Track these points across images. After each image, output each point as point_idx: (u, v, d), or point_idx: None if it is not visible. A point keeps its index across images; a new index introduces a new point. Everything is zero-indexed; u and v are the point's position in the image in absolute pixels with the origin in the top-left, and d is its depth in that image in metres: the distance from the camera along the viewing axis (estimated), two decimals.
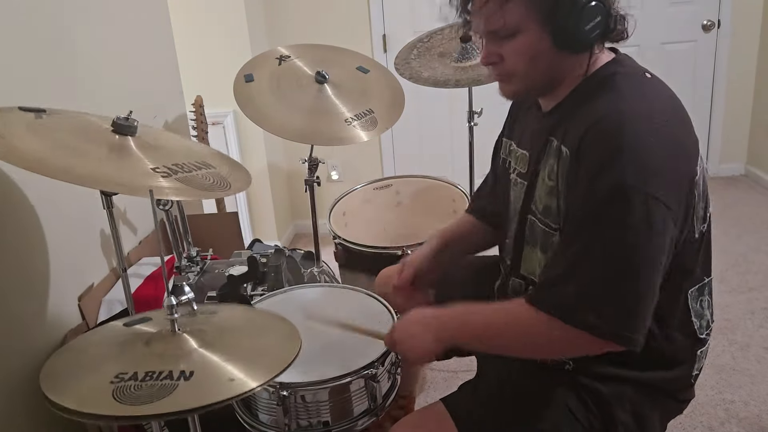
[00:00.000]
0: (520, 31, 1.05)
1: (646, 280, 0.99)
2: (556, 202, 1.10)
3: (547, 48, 1.05)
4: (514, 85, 1.12)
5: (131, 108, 1.31)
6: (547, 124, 1.15)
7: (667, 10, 3.45)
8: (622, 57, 1.13)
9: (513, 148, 1.30)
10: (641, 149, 0.98)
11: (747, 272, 2.82)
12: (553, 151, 1.11)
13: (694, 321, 1.16)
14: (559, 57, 1.07)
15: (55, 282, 1.55)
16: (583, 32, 1.03)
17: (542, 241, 1.16)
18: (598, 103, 1.05)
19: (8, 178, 1.41)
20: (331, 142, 1.87)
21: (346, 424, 1.31)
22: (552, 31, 1.03)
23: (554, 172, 1.10)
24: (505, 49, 1.08)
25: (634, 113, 1.01)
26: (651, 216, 0.97)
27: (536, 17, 1.03)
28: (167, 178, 1.20)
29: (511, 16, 1.04)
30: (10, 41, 1.44)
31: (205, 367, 0.98)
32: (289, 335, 1.10)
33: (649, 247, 0.98)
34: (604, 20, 1.03)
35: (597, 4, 1.02)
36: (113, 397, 0.90)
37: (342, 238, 1.97)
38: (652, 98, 1.07)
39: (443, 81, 2.10)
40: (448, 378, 2.22)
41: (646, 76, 1.10)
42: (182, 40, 2.43)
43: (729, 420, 1.98)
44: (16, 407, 1.40)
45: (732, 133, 3.73)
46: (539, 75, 1.10)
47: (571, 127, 1.07)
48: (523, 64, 1.08)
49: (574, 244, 1.02)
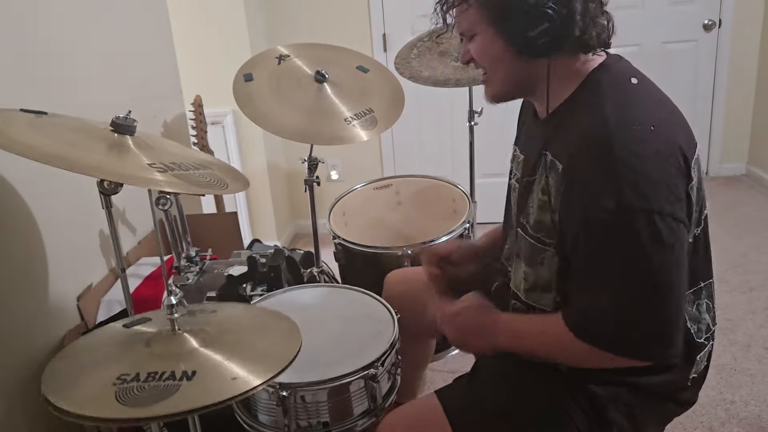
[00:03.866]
0: (477, 33, 1.10)
1: (672, 296, 1.00)
2: (549, 217, 1.09)
3: (502, 51, 1.07)
4: (491, 87, 1.16)
5: (130, 108, 1.30)
6: (542, 134, 1.15)
7: (667, 9, 3.44)
8: (609, 61, 1.10)
9: (516, 153, 1.30)
10: (633, 163, 0.97)
11: (748, 272, 2.81)
12: (547, 165, 1.10)
13: (690, 326, 1.15)
14: (521, 62, 1.08)
15: (54, 282, 1.54)
16: (529, 38, 1.03)
17: (529, 255, 1.15)
18: (586, 115, 1.05)
19: (8, 178, 1.40)
20: (331, 141, 1.86)
21: (346, 425, 1.31)
22: (503, 34, 1.06)
23: (548, 185, 1.09)
24: (471, 49, 1.12)
25: (619, 125, 1.00)
26: (660, 232, 0.97)
27: (489, 21, 1.06)
28: (163, 173, 1.20)
29: (467, 19, 1.09)
30: (10, 41, 1.44)
31: (207, 367, 0.98)
32: (289, 332, 1.10)
33: (666, 264, 0.99)
34: (555, 26, 1.01)
35: (546, 12, 1.00)
36: (116, 399, 0.90)
37: (342, 238, 1.96)
38: (637, 105, 1.05)
39: (443, 80, 2.09)
40: (448, 378, 2.21)
41: (632, 82, 1.08)
42: (182, 40, 2.42)
43: (729, 420, 1.98)
44: (15, 407, 1.40)
45: (733, 132, 3.72)
46: (504, 77, 1.12)
47: (562, 141, 1.07)
48: (486, 64, 1.12)
49: (597, 274, 1.03)
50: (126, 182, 1.15)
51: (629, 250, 0.99)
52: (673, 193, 1.00)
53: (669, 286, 1.00)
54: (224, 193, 1.49)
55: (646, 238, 0.97)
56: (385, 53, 3.40)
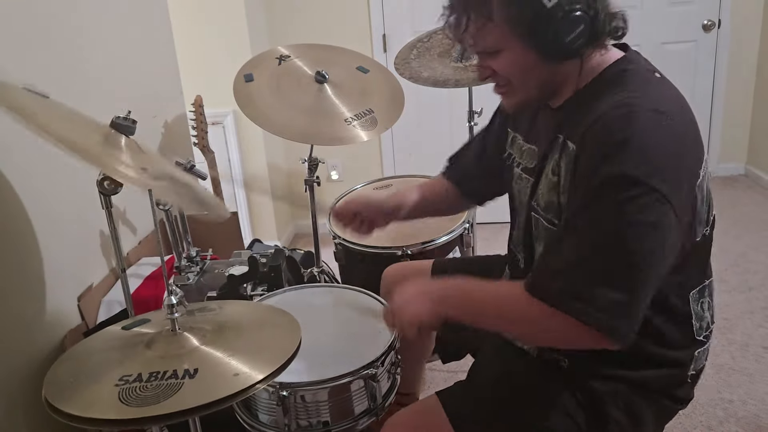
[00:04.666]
0: (504, 49, 1.06)
1: (642, 274, 0.97)
2: (557, 198, 1.10)
3: (533, 61, 1.06)
4: (514, 97, 1.14)
5: (131, 108, 1.30)
6: (556, 121, 1.15)
7: (667, 9, 3.45)
8: (631, 55, 1.12)
9: (519, 141, 1.30)
10: (648, 142, 0.97)
11: (746, 272, 2.82)
12: (559, 146, 1.11)
13: (694, 323, 1.16)
14: (550, 67, 1.07)
15: (54, 282, 1.55)
16: (566, 44, 1.02)
17: (546, 238, 1.16)
18: (608, 98, 1.04)
19: (8, 178, 1.41)
20: (331, 142, 1.87)
21: (346, 424, 1.31)
22: (535, 46, 1.04)
23: (558, 166, 1.10)
24: (495, 65, 1.09)
25: (644, 107, 1.00)
26: (650, 208, 0.95)
27: (516, 35, 1.03)
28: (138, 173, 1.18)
29: (491, 36, 1.05)
30: (10, 41, 1.45)
31: (208, 364, 0.98)
32: (289, 328, 1.10)
33: (647, 240, 0.96)
34: (587, 27, 1.02)
35: (576, 14, 1.00)
36: (120, 400, 0.90)
37: (342, 238, 1.97)
38: (661, 95, 1.06)
39: (443, 81, 2.10)
40: (448, 378, 2.22)
41: (656, 75, 1.10)
42: (182, 40, 2.43)
43: (728, 419, 1.98)
44: (15, 407, 1.40)
45: (732, 132, 3.73)
46: (534, 85, 1.11)
47: (578, 122, 1.07)
48: (515, 77, 1.10)
49: (571, 232, 1.01)
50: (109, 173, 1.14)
51: (615, 217, 0.96)
52: (675, 182, 0.99)
53: (643, 262, 0.96)
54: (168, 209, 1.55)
55: (635, 209, 0.95)
56: (385, 53, 3.40)
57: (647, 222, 0.96)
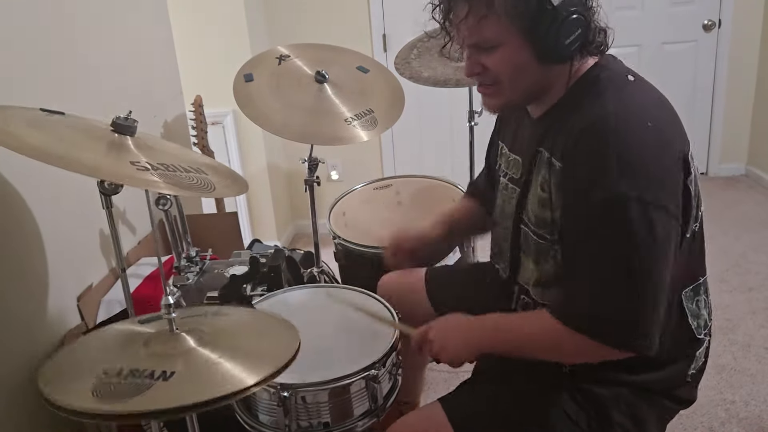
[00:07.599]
0: (501, 44, 1.06)
1: (649, 286, 1.00)
2: (550, 214, 1.11)
3: (528, 60, 1.06)
4: (498, 98, 1.13)
5: (131, 107, 1.30)
6: (536, 133, 1.15)
7: (667, 9, 3.44)
8: (605, 60, 1.12)
9: (505, 151, 1.31)
10: (631, 155, 0.98)
11: (747, 272, 2.82)
12: (545, 163, 1.11)
13: (691, 322, 1.16)
14: (541, 68, 1.07)
15: (54, 282, 1.54)
16: (564, 45, 1.03)
17: (535, 252, 1.16)
18: (584, 111, 1.05)
19: (7, 178, 1.40)
20: (331, 141, 1.86)
21: (347, 425, 1.31)
22: (533, 44, 1.04)
23: (547, 182, 1.10)
24: (488, 61, 1.08)
25: (618, 118, 1.01)
26: (652, 223, 0.98)
27: (516, 30, 1.03)
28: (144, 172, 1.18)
29: (491, 29, 1.04)
30: (9, 41, 1.44)
31: (196, 367, 0.98)
32: (288, 336, 1.10)
33: (652, 254, 0.99)
34: (584, 33, 1.04)
35: (578, 18, 1.02)
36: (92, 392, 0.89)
37: (342, 238, 1.96)
38: (636, 101, 1.06)
39: (443, 81, 2.09)
40: (448, 378, 2.21)
41: (629, 79, 1.10)
42: (182, 40, 2.42)
43: (729, 420, 1.98)
44: (16, 406, 1.39)
45: (732, 133, 3.72)
46: (523, 85, 1.10)
47: (559, 137, 1.08)
48: (507, 75, 1.09)
49: (584, 260, 1.04)
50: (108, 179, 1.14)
51: (618, 238, 0.99)
52: (668, 187, 1.01)
53: (648, 274, 1.00)
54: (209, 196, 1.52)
55: (637, 227, 0.97)
56: (385, 53, 3.40)
57: (656, 236, 0.99)
